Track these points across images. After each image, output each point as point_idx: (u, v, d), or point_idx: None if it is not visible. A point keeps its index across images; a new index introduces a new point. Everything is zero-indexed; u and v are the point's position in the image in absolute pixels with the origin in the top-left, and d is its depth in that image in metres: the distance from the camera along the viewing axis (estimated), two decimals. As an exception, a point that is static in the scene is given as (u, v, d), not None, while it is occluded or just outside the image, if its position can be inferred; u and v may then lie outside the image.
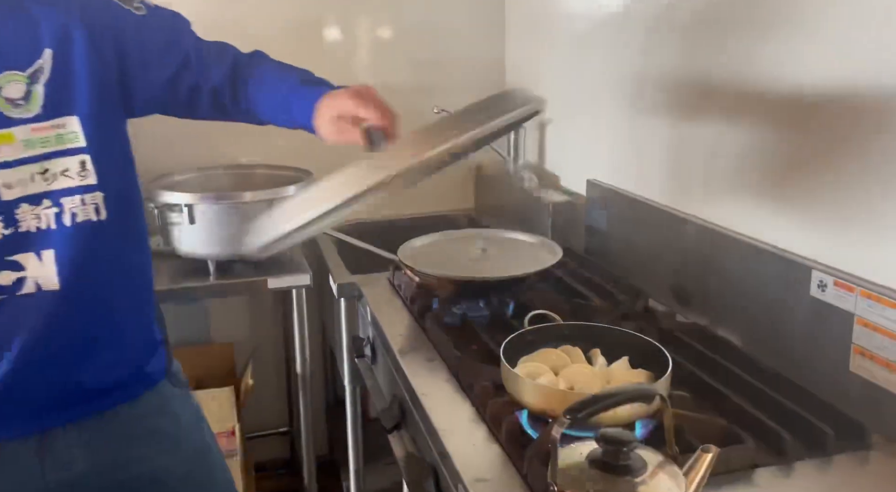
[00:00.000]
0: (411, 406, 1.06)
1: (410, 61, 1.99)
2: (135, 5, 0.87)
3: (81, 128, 0.82)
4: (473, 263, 1.35)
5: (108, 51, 0.85)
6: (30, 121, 0.79)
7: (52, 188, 0.81)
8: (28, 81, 0.79)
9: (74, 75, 0.82)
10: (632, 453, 0.62)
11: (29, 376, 0.83)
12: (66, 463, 0.85)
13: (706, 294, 1.21)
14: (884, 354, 0.88)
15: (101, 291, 0.87)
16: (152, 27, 0.89)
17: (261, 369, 1.99)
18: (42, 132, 0.80)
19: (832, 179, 0.96)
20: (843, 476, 0.81)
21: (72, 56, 0.82)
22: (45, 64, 0.80)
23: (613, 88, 1.49)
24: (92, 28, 0.83)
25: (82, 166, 0.82)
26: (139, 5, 0.88)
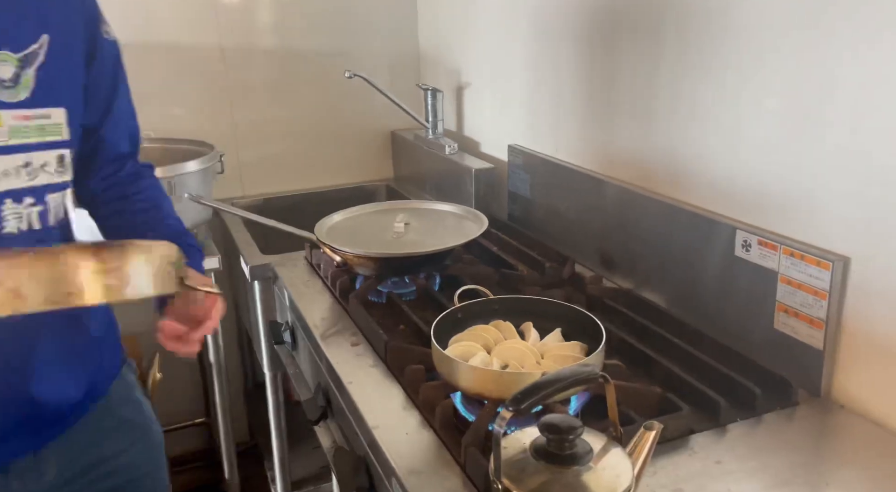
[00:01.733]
0: (337, 395, 0.99)
1: (317, 24, 1.86)
2: (106, 28, 0.84)
3: (67, 121, 0.78)
4: (397, 238, 1.28)
5: (86, 55, 0.81)
6: (16, 106, 0.74)
7: (35, 184, 0.75)
8: (19, 64, 0.73)
9: (69, 66, 0.78)
10: (577, 440, 0.59)
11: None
12: (36, 474, 0.81)
13: (631, 257, 1.20)
14: (806, 310, 0.89)
15: None
16: (109, 57, 0.85)
17: (171, 360, 1.84)
18: (25, 120, 0.75)
19: (751, 135, 0.96)
20: (772, 434, 0.82)
21: (70, 47, 0.78)
22: (40, 49, 0.75)
23: (530, 51, 1.44)
24: (88, 26, 0.80)
25: (60, 162, 0.78)
26: (108, 30, 0.85)
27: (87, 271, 0.60)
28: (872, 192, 0.81)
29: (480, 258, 1.33)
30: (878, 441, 0.80)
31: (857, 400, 0.86)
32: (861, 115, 0.81)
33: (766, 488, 0.73)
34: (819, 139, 0.86)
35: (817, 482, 0.73)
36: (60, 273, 0.60)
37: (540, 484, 0.57)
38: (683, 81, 1.06)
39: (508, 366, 0.87)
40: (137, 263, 0.64)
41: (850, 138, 0.82)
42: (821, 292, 0.87)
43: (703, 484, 0.73)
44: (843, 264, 0.85)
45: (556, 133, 1.40)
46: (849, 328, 0.86)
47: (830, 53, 0.83)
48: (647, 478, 0.74)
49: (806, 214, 0.89)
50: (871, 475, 0.74)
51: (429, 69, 1.94)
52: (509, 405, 0.57)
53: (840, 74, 0.82)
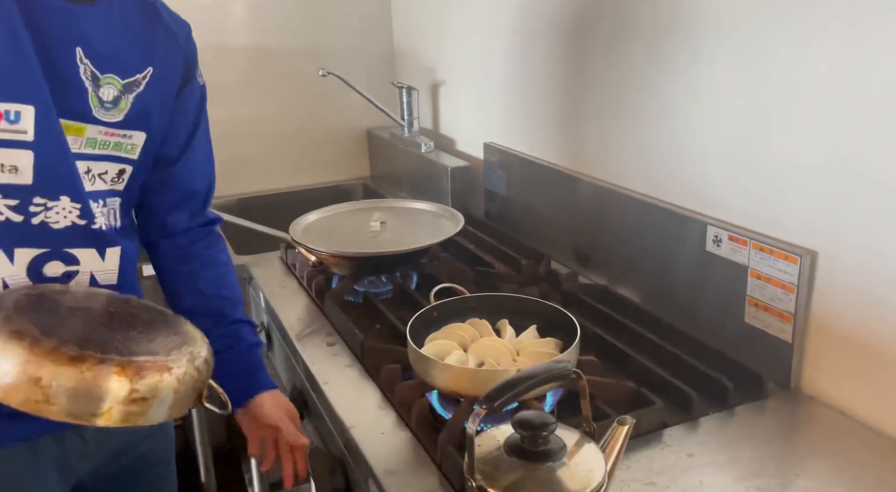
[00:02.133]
0: (313, 396, 0.99)
1: (292, 21, 1.84)
2: (199, 72, 0.89)
3: (143, 144, 0.82)
4: (373, 237, 1.28)
5: (178, 91, 0.85)
6: (107, 125, 0.78)
7: (93, 189, 0.79)
8: (122, 89, 0.78)
9: (163, 98, 0.83)
10: (551, 436, 0.59)
11: None
12: (92, 452, 0.85)
13: (606, 254, 1.21)
14: (775, 304, 0.90)
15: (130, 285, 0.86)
16: (196, 98, 0.90)
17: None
18: (108, 136, 0.79)
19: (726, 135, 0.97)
20: (743, 426, 0.83)
21: (168, 81, 0.83)
22: (143, 79, 0.80)
23: (505, 48, 1.44)
24: (186, 65, 0.85)
25: (119, 175, 0.81)
26: (200, 74, 0.90)
27: (114, 395, 0.61)
28: (838, 187, 0.82)
29: (457, 256, 1.33)
30: (845, 431, 0.82)
31: (826, 391, 0.88)
32: (828, 113, 0.82)
33: (737, 480, 0.74)
34: (787, 136, 0.87)
35: (787, 473, 0.75)
36: (86, 388, 0.61)
37: (513, 481, 0.57)
38: (655, 80, 1.07)
39: (484, 364, 0.87)
40: (166, 392, 0.64)
41: (817, 135, 0.84)
42: (789, 286, 0.88)
43: (676, 477, 0.74)
44: (811, 258, 0.86)
45: (531, 131, 1.41)
46: (816, 321, 0.88)
47: (798, 52, 0.84)
48: (621, 472, 0.74)
49: (774, 209, 0.91)
50: (838, 465, 0.76)
51: (404, 67, 1.93)
52: (482, 403, 0.57)
53: (808, 73, 0.84)
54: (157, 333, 0.73)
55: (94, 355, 0.63)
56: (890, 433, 0.80)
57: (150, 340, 0.70)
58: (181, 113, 0.87)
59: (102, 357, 0.63)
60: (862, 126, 0.78)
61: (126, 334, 0.70)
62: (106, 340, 0.66)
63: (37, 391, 0.60)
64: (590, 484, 0.58)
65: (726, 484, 0.73)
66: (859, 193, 0.80)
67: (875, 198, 0.79)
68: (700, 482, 0.73)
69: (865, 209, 0.80)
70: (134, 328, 0.72)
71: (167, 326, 0.76)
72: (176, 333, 0.74)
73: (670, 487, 0.73)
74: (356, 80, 1.76)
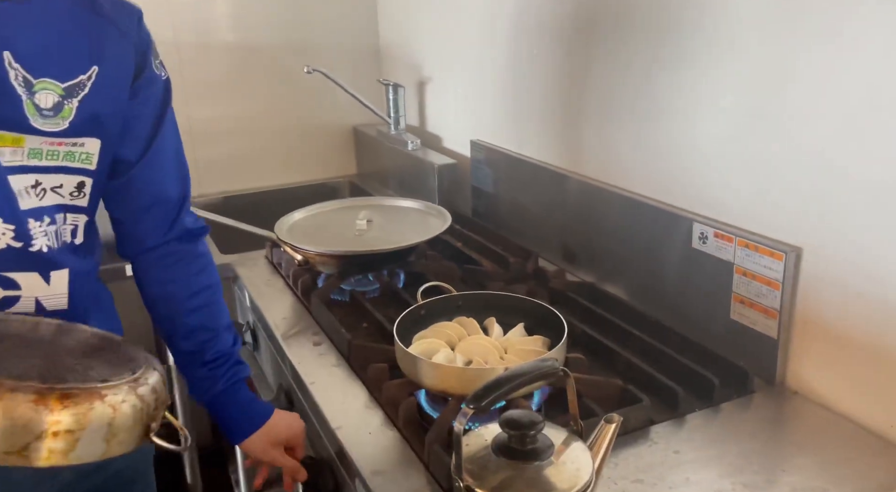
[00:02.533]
0: (299, 396, 0.98)
1: (277, 17, 1.83)
2: (157, 63, 0.80)
3: (99, 153, 0.75)
4: (359, 235, 1.27)
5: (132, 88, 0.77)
6: (51, 135, 0.71)
7: (44, 204, 0.73)
8: (63, 94, 0.71)
9: (114, 99, 0.75)
10: (538, 435, 0.59)
11: None
12: (54, 473, 0.79)
13: (593, 251, 1.22)
14: (761, 300, 0.91)
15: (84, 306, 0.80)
16: (156, 92, 0.81)
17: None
18: (56, 146, 0.72)
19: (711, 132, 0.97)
20: (729, 422, 0.84)
21: (119, 80, 0.75)
22: (88, 80, 0.72)
23: (493, 45, 1.43)
24: (138, 58, 0.77)
25: (79, 188, 0.75)
26: (160, 68, 0.81)
27: (30, 429, 0.51)
28: (822, 185, 0.83)
29: (444, 254, 1.33)
30: (829, 426, 0.83)
31: (810, 387, 0.88)
32: (812, 112, 0.83)
33: (723, 475, 0.74)
34: (772, 134, 0.88)
35: (772, 469, 0.75)
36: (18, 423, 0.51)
37: (501, 481, 0.57)
38: (643, 78, 1.07)
39: (472, 362, 0.87)
40: (97, 424, 0.54)
41: (802, 134, 0.84)
42: (774, 282, 0.89)
43: (663, 474, 0.74)
44: (796, 255, 0.87)
45: (518, 128, 1.41)
46: (801, 317, 0.88)
47: (783, 52, 0.85)
48: (609, 470, 0.75)
49: (760, 206, 0.91)
50: (823, 460, 0.76)
51: (390, 64, 1.92)
52: (469, 403, 0.57)
53: (792, 72, 0.84)
54: (101, 359, 0.64)
55: (6, 383, 0.54)
56: (874, 428, 0.81)
57: (89, 367, 0.62)
58: (137, 109, 0.78)
59: (15, 385, 0.53)
60: (846, 125, 0.79)
61: (60, 362, 0.61)
62: (28, 369, 0.58)
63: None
64: (577, 483, 0.58)
65: (712, 480, 0.73)
66: (843, 191, 0.81)
67: (858, 196, 0.79)
68: (686, 479, 0.74)
69: (849, 207, 0.80)
70: (72, 356, 0.63)
71: (115, 352, 0.67)
72: (127, 360, 0.65)
73: (657, 484, 0.73)
74: (342, 77, 1.75)
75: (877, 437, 0.80)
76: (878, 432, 0.80)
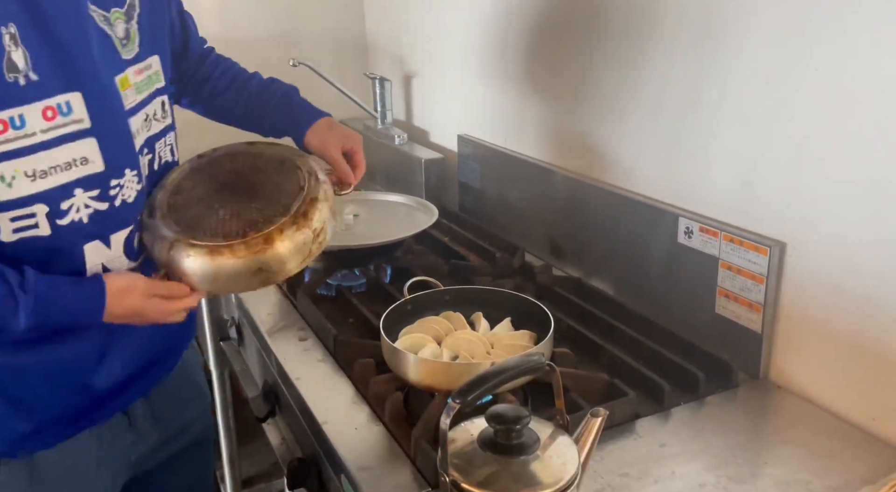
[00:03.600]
0: (285, 391, 0.97)
1: (262, 10, 1.81)
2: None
3: (162, 67, 0.79)
4: (346, 230, 1.26)
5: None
6: (133, 62, 0.74)
7: (150, 133, 0.78)
8: (125, 19, 0.72)
9: (159, 11, 0.78)
10: (524, 429, 0.59)
11: (119, 354, 0.82)
12: (144, 435, 0.89)
13: (580, 246, 1.22)
14: (745, 294, 0.92)
15: None
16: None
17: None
18: (140, 75, 0.75)
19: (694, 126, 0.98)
20: (714, 416, 0.84)
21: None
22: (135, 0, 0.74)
23: (480, 39, 1.43)
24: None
25: (163, 108, 0.80)
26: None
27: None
28: (806, 181, 0.83)
29: (431, 249, 1.32)
30: (812, 419, 0.84)
31: (794, 381, 0.89)
32: (796, 106, 0.83)
33: (707, 468, 0.75)
34: (756, 129, 0.88)
35: (756, 461, 0.76)
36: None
37: (487, 475, 0.57)
38: (629, 73, 1.07)
39: (459, 357, 0.87)
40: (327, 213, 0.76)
41: (786, 128, 0.85)
42: (759, 277, 0.89)
43: (648, 467, 0.75)
44: (780, 249, 0.87)
45: (505, 123, 1.40)
46: (785, 311, 0.89)
47: (765, 48, 0.85)
48: (595, 463, 0.75)
49: (745, 201, 0.92)
50: (806, 452, 0.77)
51: (376, 58, 1.91)
52: (455, 398, 0.57)
53: (775, 68, 0.84)
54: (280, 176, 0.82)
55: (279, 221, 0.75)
56: (856, 421, 0.82)
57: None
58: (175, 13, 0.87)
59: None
60: (827, 121, 0.79)
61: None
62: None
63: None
64: (563, 476, 0.58)
65: (697, 473, 0.74)
66: (826, 186, 0.81)
67: (842, 191, 0.80)
68: (672, 472, 0.74)
69: (832, 202, 0.81)
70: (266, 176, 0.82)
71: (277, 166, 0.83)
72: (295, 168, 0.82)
73: (643, 477, 0.73)
74: (328, 70, 1.74)
75: (859, 430, 0.81)
76: (861, 425, 0.81)
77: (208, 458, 1.07)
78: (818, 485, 0.72)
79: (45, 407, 0.78)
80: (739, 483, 0.72)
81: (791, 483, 0.72)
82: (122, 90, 0.72)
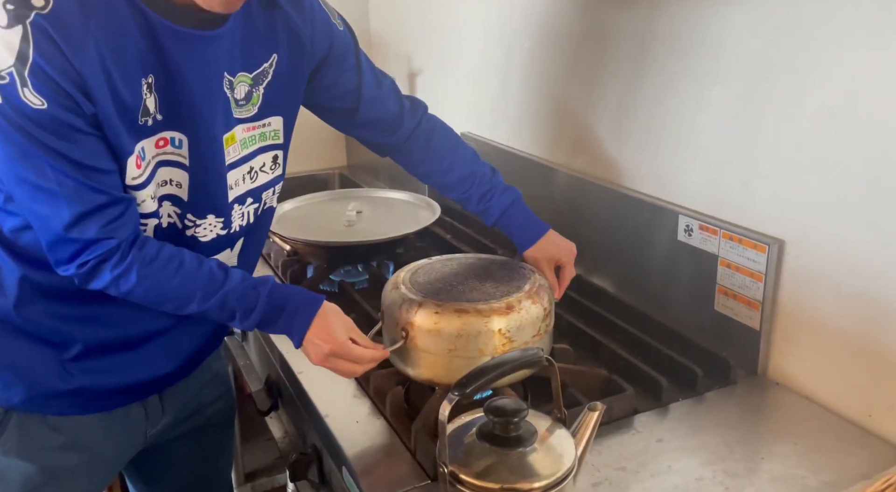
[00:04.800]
0: (288, 386, 0.99)
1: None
2: (336, 20, 0.89)
3: (283, 127, 0.85)
4: (349, 226, 1.27)
5: (317, 57, 0.86)
6: (246, 121, 0.80)
7: (255, 185, 0.84)
8: (251, 84, 0.79)
9: (290, 79, 0.83)
10: (522, 422, 0.60)
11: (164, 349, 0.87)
12: (158, 417, 0.93)
13: (580, 243, 1.21)
14: (744, 292, 0.92)
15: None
16: (343, 46, 0.90)
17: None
18: (251, 131, 0.81)
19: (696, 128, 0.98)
20: (712, 412, 0.85)
21: (295, 61, 0.82)
22: (269, 68, 0.80)
23: (483, 38, 1.44)
24: (313, 33, 0.84)
25: (274, 161, 0.86)
26: (339, 21, 0.90)
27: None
28: (804, 179, 0.84)
29: (433, 246, 1.33)
30: (809, 416, 0.84)
31: (792, 377, 0.90)
32: (794, 106, 0.83)
33: (704, 464, 0.75)
34: (755, 127, 0.89)
35: (753, 457, 0.77)
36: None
37: (485, 467, 0.58)
38: (630, 72, 1.07)
39: (458, 351, 0.87)
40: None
41: (785, 128, 0.85)
42: (757, 275, 0.90)
43: (645, 462, 0.76)
44: (779, 247, 0.88)
45: (507, 121, 1.41)
46: (784, 309, 0.90)
47: (766, 46, 0.86)
48: (593, 457, 0.76)
49: (744, 199, 0.92)
50: (802, 448, 0.78)
51: (380, 55, 1.92)
52: (454, 390, 0.58)
53: (775, 68, 0.85)
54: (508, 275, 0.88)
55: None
56: (853, 418, 0.82)
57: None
58: (336, 71, 0.88)
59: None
60: (827, 119, 0.80)
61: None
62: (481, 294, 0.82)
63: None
64: (560, 469, 0.59)
65: (694, 468, 0.75)
66: (824, 185, 0.82)
67: (839, 189, 0.80)
68: (669, 467, 0.75)
69: (830, 200, 0.81)
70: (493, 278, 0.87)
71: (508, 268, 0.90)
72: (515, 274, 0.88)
73: (640, 471, 0.74)
74: (332, 68, 1.74)
75: (856, 426, 0.81)
76: (857, 421, 0.82)
77: (226, 436, 1.08)
78: (814, 480, 0.73)
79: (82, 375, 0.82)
80: (735, 478, 0.73)
81: (787, 478, 0.73)
82: (227, 147, 0.78)
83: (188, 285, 0.74)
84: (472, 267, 0.90)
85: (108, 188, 0.70)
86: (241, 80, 0.77)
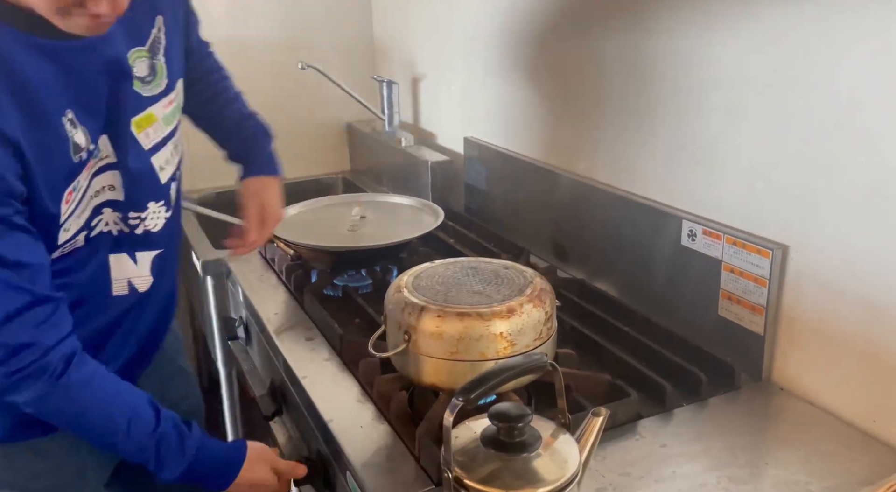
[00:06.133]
0: (292, 390, 0.99)
1: (271, 13, 1.83)
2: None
3: (183, 89, 0.82)
4: (352, 231, 1.28)
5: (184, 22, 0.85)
6: (161, 96, 0.76)
7: (180, 157, 0.82)
8: (149, 55, 0.75)
9: (178, 37, 0.80)
10: (526, 427, 0.60)
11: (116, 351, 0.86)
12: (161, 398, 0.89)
13: (584, 248, 1.23)
14: (748, 297, 0.92)
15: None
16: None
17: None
18: (170, 106, 0.78)
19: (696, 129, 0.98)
20: (716, 417, 0.85)
21: (176, 16, 0.79)
22: (159, 32, 0.76)
23: (487, 43, 1.44)
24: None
25: (178, 127, 0.83)
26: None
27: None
28: (808, 184, 0.84)
29: (437, 251, 1.34)
30: (814, 421, 0.84)
31: (796, 383, 0.90)
32: (799, 111, 0.84)
33: (708, 469, 0.75)
34: (759, 133, 0.89)
35: (757, 462, 0.77)
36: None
37: (489, 472, 0.58)
38: (632, 77, 1.08)
39: (462, 357, 0.87)
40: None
41: (789, 132, 0.85)
42: (761, 279, 0.90)
43: (649, 467, 0.76)
44: (782, 252, 0.88)
45: (511, 126, 1.41)
46: (787, 314, 0.90)
47: (769, 50, 0.86)
48: (597, 463, 0.76)
49: (748, 204, 0.92)
50: (807, 454, 0.78)
51: (384, 60, 1.93)
52: (459, 396, 0.58)
53: (778, 72, 0.85)
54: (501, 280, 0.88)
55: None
56: (857, 423, 0.82)
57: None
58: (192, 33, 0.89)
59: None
60: (830, 124, 0.80)
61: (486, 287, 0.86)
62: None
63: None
64: (564, 474, 0.59)
65: (698, 474, 0.75)
66: (828, 190, 0.82)
67: (843, 194, 0.80)
68: (673, 472, 0.75)
69: (834, 205, 0.82)
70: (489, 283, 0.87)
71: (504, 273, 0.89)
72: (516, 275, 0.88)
73: (644, 477, 0.74)
74: (336, 73, 1.75)
75: (860, 432, 0.81)
76: (862, 427, 0.82)
77: None
78: (818, 486, 0.73)
79: None
80: (740, 484, 0.73)
81: (791, 484, 0.73)
82: (139, 132, 0.75)
83: (116, 417, 0.73)
84: (474, 271, 0.90)
85: (32, 285, 0.66)
86: (137, 55, 0.73)
